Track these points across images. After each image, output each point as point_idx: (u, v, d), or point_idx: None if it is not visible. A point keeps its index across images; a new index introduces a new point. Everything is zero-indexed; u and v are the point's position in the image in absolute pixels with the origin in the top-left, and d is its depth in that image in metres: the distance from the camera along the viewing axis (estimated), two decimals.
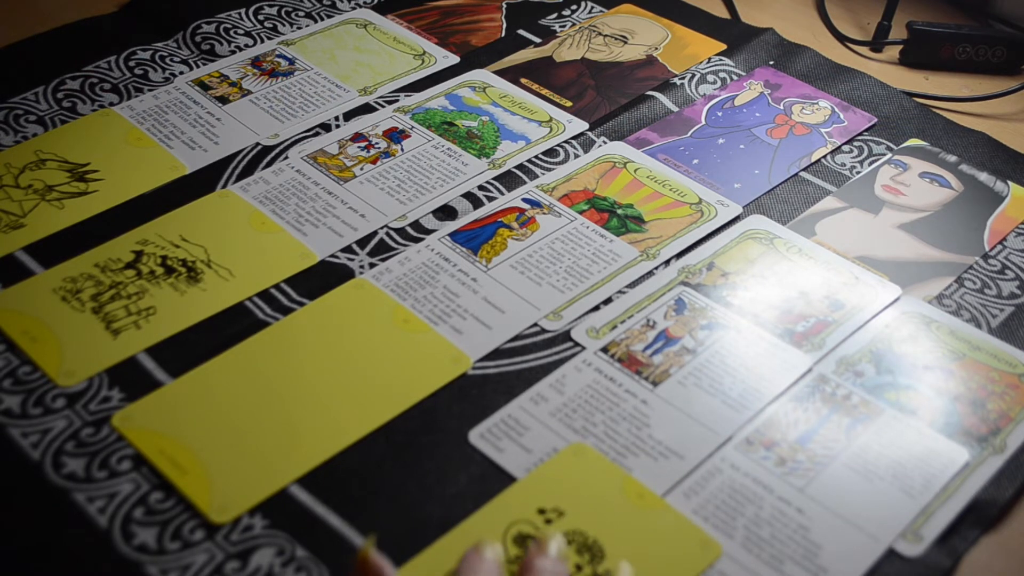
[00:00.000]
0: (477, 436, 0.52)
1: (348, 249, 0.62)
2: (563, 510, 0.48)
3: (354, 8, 0.83)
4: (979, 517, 0.50)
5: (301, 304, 0.58)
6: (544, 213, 0.64)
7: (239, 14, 0.80)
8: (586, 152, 0.70)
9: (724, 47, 0.80)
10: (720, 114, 0.74)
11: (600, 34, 0.81)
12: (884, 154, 0.71)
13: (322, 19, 0.81)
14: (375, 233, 0.63)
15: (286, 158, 0.68)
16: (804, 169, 0.69)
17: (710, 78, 0.77)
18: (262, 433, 0.51)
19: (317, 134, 0.70)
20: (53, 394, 0.53)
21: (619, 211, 0.65)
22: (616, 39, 0.81)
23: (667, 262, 0.62)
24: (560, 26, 0.82)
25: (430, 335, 0.57)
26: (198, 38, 0.78)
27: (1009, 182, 0.69)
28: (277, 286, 0.59)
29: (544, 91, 0.75)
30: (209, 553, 0.47)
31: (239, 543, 0.47)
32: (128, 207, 0.64)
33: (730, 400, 0.54)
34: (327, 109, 0.72)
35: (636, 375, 0.55)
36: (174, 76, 0.74)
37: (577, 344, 0.57)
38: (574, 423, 0.53)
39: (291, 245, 0.62)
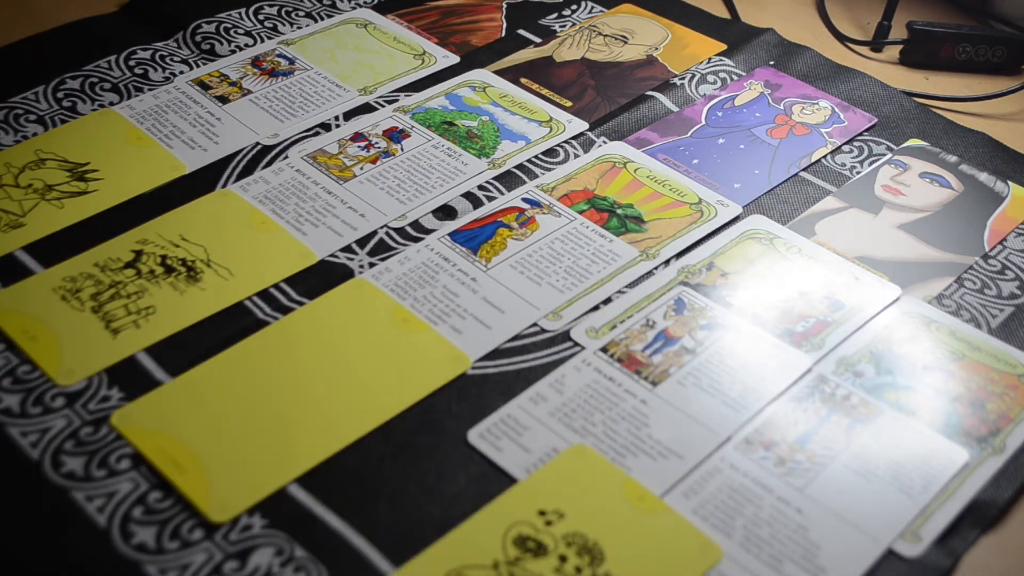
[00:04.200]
0: (476, 436, 0.52)
1: (348, 249, 0.62)
2: (563, 512, 0.48)
3: (354, 8, 0.83)
4: (978, 517, 0.50)
5: (300, 304, 0.58)
6: (544, 213, 0.64)
7: (239, 14, 0.80)
8: (586, 152, 0.70)
9: (724, 47, 0.80)
10: (720, 114, 0.73)
11: (600, 34, 0.81)
12: (884, 154, 0.71)
13: (322, 19, 0.81)
14: (375, 233, 0.63)
15: (286, 158, 0.68)
16: (804, 169, 0.69)
17: (710, 78, 0.77)
18: (261, 432, 0.51)
19: (317, 134, 0.70)
20: (52, 393, 0.53)
21: (619, 211, 0.65)
22: (616, 39, 0.81)
23: (667, 262, 0.62)
24: (560, 26, 0.82)
25: (429, 335, 0.56)
26: (198, 38, 0.78)
27: (1009, 182, 0.69)
28: (277, 285, 0.59)
29: (544, 91, 0.75)
30: (208, 553, 0.47)
31: (238, 543, 0.47)
32: (128, 207, 0.64)
33: (729, 400, 0.54)
34: (327, 109, 0.72)
35: (635, 375, 0.55)
36: (174, 76, 0.74)
37: (576, 344, 0.57)
38: (573, 423, 0.53)
39: (291, 245, 0.62)
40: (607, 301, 0.59)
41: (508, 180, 0.67)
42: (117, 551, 0.46)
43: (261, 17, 0.81)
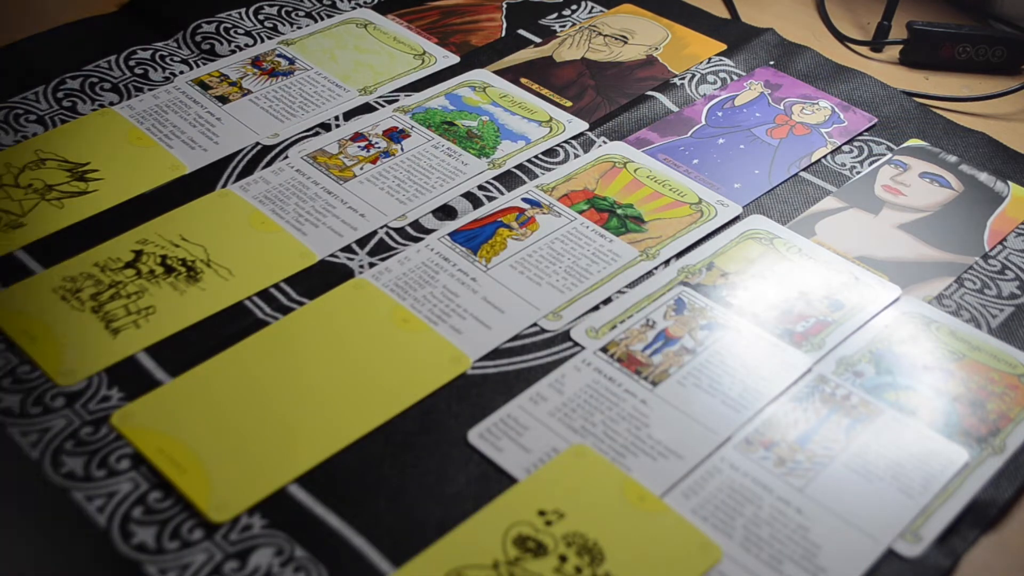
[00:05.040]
0: (476, 436, 0.52)
1: (348, 249, 0.62)
2: (563, 512, 0.48)
3: (354, 8, 0.83)
4: (978, 517, 0.50)
5: (300, 304, 0.58)
6: (544, 213, 0.64)
7: (239, 14, 0.80)
8: (586, 152, 0.70)
9: (724, 47, 0.80)
10: (720, 114, 0.73)
11: (600, 34, 0.81)
12: (884, 154, 0.71)
13: (322, 19, 0.81)
14: (375, 233, 0.63)
15: (286, 158, 0.68)
16: (804, 169, 0.69)
17: (710, 78, 0.77)
18: (261, 432, 0.51)
19: (317, 134, 0.70)
20: (52, 393, 0.53)
21: (619, 211, 0.65)
22: (616, 39, 0.81)
23: (667, 262, 0.62)
24: (560, 26, 0.82)
25: (429, 335, 0.56)
26: (198, 38, 0.78)
27: (1009, 182, 0.69)
28: (277, 285, 0.59)
29: (544, 91, 0.75)
30: (208, 553, 0.47)
31: (238, 543, 0.47)
32: (128, 207, 0.64)
33: (729, 400, 0.54)
34: (327, 109, 0.72)
35: (635, 375, 0.55)
36: (174, 76, 0.74)
37: (576, 344, 0.57)
38: (573, 423, 0.53)
39: (291, 245, 0.62)
40: (607, 301, 0.59)
41: (508, 180, 0.67)
42: (117, 551, 0.46)
43: (261, 17, 0.81)
